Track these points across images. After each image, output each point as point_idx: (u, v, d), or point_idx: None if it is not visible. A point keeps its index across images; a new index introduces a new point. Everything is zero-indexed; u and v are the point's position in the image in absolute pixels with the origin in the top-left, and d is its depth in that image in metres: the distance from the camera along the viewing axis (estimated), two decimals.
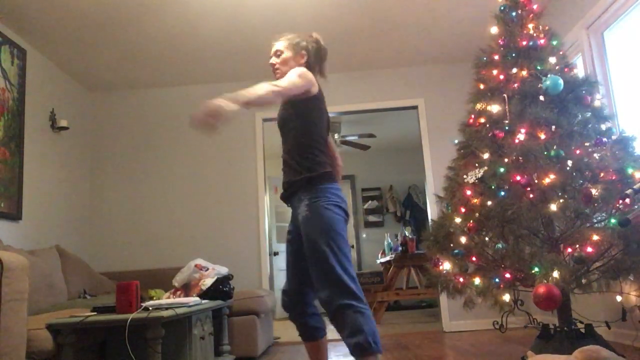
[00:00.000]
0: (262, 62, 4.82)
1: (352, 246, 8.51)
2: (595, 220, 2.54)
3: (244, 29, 4.18)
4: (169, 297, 3.39)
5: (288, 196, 2.19)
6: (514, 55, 3.02)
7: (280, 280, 7.14)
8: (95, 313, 2.55)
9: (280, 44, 2.35)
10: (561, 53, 3.02)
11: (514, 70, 2.96)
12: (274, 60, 2.34)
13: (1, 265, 2.06)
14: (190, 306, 2.74)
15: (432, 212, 4.83)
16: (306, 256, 2.02)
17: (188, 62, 4.73)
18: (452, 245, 2.93)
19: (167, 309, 2.52)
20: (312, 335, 2.17)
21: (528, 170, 2.62)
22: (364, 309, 1.87)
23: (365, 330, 1.83)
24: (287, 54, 2.31)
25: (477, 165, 2.89)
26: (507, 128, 2.82)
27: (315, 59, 2.35)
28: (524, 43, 3.00)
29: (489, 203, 2.73)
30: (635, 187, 2.15)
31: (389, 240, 6.70)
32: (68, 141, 4.69)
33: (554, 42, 3.03)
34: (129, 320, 2.34)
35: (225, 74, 5.03)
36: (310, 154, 2.13)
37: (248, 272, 4.83)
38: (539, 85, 2.83)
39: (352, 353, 1.85)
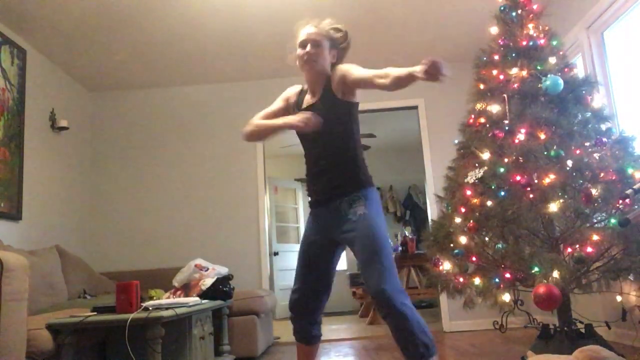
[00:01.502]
0: (262, 62, 4.82)
1: None
2: (595, 220, 2.54)
3: (244, 29, 4.18)
4: (169, 297, 3.39)
5: (331, 198, 2.06)
6: (514, 55, 3.02)
7: (281, 280, 7.14)
8: (95, 313, 2.55)
9: (315, 33, 2.11)
10: (561, 53, 3.02)
11: (514, 70, 2.96)
12: (311, 49, 2.08)
13: (1, 265, 2.06)
14: (190, 306, 2.74)
15: (432, 212, 4.83)
16: (358, 252, 1.95)
17: (188, 62, 4.73)
18: (452, 245, 2.93)
19: (167, 309, 2.52)
20: (310, 341, 2.15)
21: (528, 170, 2.62)
22: (416, 312, 1.89)
23: (428, 333, 1.86)
24: (325, 45, 2.10)
25: (477, 165, 2.89)
26: (507, 128, 2.82)
27: (343, 55, 2.19)
28: (524, 43, 3.00)
29: (489, 203, 2.73)
30: (635, 187, 2.15)
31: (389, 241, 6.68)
32: (68, 141, 4.69)
33: (554, 42, 3.03)
34: (129, 320, 2.34)
35: (225, 74, 5.03)
36: (360, 159, 2.09)
37: (248, 272, 4.82)
38: (539, 85, 2.83)
39: (418, 355, 1.83)
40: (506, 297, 2.78)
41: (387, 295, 1.81)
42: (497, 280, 2.71)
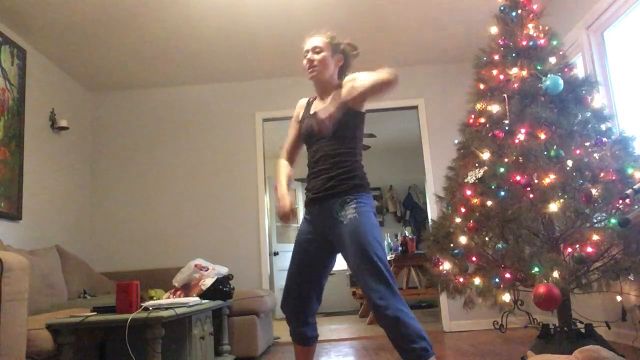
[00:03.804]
0: (261, 62, 4.82)
1: None
2: (595, 220, 2.54)
3: (244, 29, 4.18)
4: (169, 297, 3.40)
5: (325, 197, 2.09)
6: (514, 55, 3.02)
7: (281, 280, 7.14)
8: (95, 313, 2.55)
9: (318, 40, 2.18)
10: (561, 53, 3.02)
11: (514, 70, 2.96)
12: (312, 56, 2.16)
13: (1, 265, 2.06)
14: (190, 306, 2.74)
15: (432, 212, 4.83)
16: (348, 257, 1.96)
17: (188, 62, 4.73)
18: (452, 245, 2.93)
19: (167, 309, 2.52)
20: (306, 342, 2.15)
21: (528, 170, 2.62)
22: (412, 316, 1.89)
23: (425, 336, 1.87)
24: (326, 53, 2.17)
25: (477, 165, 2.89)
26: (507, 128, 2.82)
27: (348, 65, 2.26)
28: (524, 43, 3.00)
29: (489, 203, 2.73)
30: (635, 187, 2.15)
31: (389, 240, 6.70)
32: (68, 141, 4.69)
33: (554, 42, 3.02)
34: (129, 320, 2.34)
35: (225, 74, 5.03)
36: (359, 165, 2.15)
37: (248, 272, 4.82)
38: (539, 85, 2.83)
39: (416, 357, 1.84)
40: (506, 297, 2.78)
41: (378, 303, 1.82)
42: (497, 280, 2.71)
